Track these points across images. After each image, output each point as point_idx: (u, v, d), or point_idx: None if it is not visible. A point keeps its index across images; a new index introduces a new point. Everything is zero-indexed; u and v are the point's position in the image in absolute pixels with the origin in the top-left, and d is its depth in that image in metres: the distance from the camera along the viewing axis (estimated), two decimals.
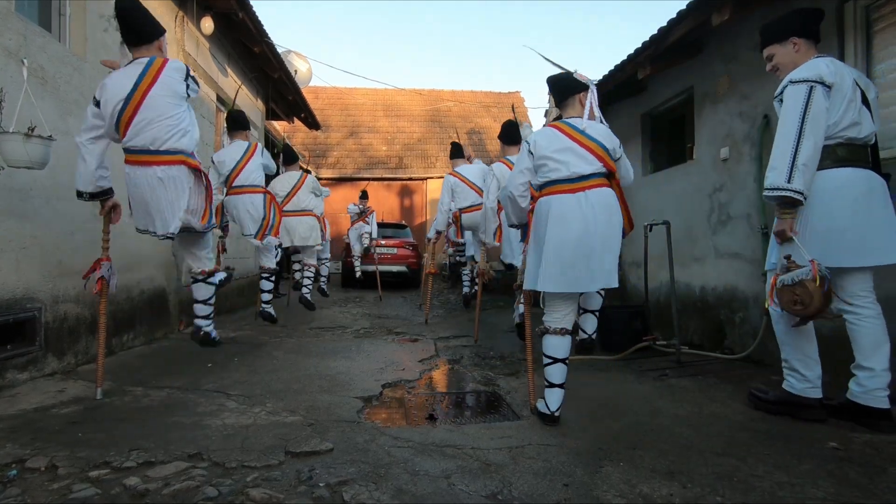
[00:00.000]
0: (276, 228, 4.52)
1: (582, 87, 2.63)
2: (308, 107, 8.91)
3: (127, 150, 2.75)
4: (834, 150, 2.40)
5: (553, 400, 2.50)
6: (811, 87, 2.34)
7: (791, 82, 2.41)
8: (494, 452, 2.18)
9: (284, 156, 5.84)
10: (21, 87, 2.77)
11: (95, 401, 2.77)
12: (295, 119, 9.52)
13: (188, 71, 2.74)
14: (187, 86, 2.71)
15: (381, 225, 10.77)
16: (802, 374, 2.54)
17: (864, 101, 2.44)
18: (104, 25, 3.86)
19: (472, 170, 5.68)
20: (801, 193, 2.32)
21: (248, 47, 6.41)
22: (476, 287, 6.34)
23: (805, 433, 2.42)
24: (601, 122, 2.62)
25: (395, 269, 10.11)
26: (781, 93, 2.46)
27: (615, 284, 2.51)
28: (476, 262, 6.09)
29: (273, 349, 4.27)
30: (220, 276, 4.40)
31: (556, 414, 2.50)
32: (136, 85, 2.58)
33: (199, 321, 3.41)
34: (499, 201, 4.60)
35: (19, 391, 2.86)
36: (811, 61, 2.43)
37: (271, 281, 5.09)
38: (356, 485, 1.86)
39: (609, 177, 2.58)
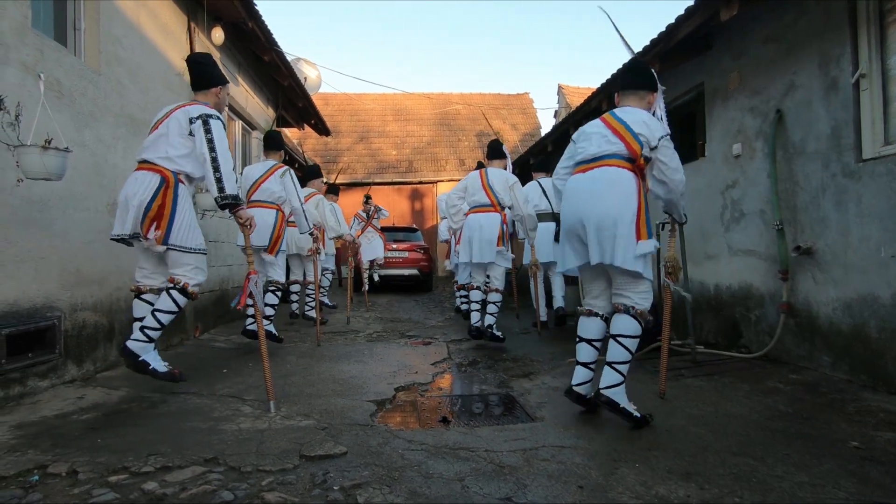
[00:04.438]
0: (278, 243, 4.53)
1: (655, 87, 2.73)
2: (318, 113, 8.98)
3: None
4: None
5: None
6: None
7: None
8: (508, 454, 2.18)
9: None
10: (38, 100, 2.82)
11: (114, 407, 2.82)
12: (305, 125, 9.59)
13: (203, 115, 2.88)
14: (190, 126, 2.88)
15: (392, 229, 10.79)
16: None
17: None
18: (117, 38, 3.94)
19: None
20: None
21: (258, 56, 6.48)
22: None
23: (825, 432, 2.38)
24: (661, 119, 2.77)
25: (406, 272, 10.15)
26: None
27: (627, 266, 2.40)
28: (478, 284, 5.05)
29: (286, 354, 4.30)
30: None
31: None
32: (165, 113, 2.99)
33: (133, 341, 2.72)
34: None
35: (40, 398, 2.92)
36: None
37: (277, 295, 5.04)
38: (370, 487, 1.87)
39: (632, 161, 2.53)
